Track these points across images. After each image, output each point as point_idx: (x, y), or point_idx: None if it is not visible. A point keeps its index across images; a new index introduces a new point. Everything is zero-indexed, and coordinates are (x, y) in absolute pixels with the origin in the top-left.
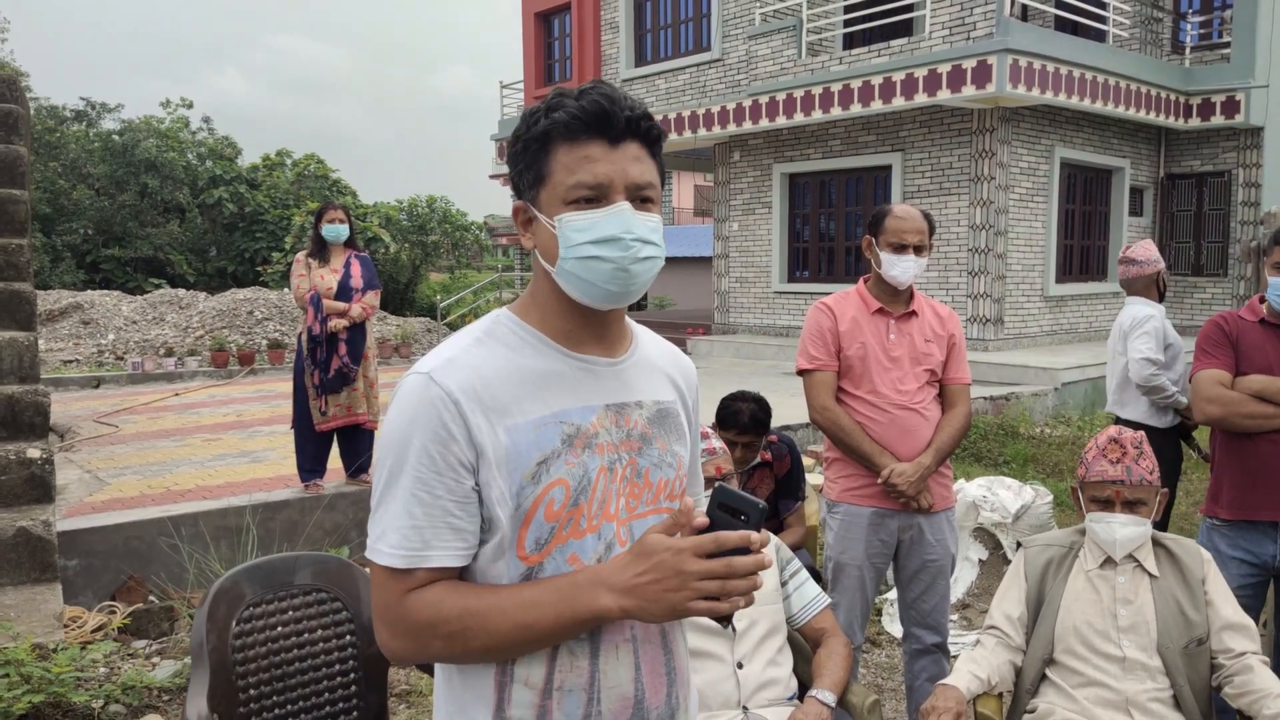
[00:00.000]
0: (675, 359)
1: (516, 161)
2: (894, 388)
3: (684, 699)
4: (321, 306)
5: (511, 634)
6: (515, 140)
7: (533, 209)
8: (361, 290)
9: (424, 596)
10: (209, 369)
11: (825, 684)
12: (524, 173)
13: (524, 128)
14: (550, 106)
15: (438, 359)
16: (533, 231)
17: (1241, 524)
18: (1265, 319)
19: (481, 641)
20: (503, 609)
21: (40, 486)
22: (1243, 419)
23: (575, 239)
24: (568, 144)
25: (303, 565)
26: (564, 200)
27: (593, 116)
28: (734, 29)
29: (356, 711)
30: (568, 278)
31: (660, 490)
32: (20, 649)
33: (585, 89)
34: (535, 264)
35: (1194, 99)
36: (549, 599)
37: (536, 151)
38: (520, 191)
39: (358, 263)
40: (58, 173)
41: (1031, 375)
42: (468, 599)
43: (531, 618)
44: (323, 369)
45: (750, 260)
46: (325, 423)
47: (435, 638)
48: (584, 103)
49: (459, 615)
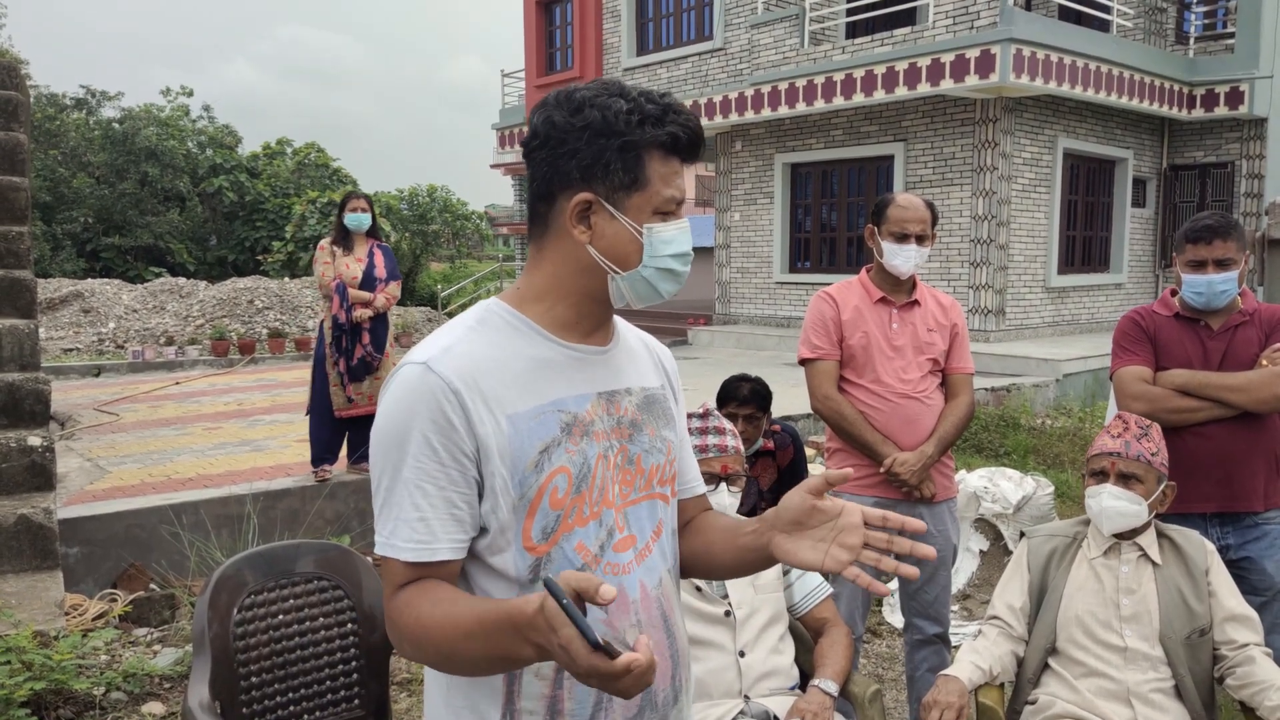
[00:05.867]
0: (653, 344)
1: (597, 154)
2: (897, 377)
3: (685, 680)
4: (347, 295)
5: (452, 657)
6: (594, 131)
7: (609, 207)
8: (385, 280)
9: (402, 595)
10: (209, 358)
11: (828, 673)
12: (607, 169)
13: (621, 125)
14: (650, 116)
15: (433, 348)
16: (595, 227)
17: (1175, 518)
18: (1179, 313)
19: (432, 658)
20: (444, 633)
21: (41, 474)
22: (1168, 414)
23: (661, 250)
24: (662, 156)
25: (304, 553)
26: (656, 210)
27: (694, 142)
28: (736, 18)
29: (358, 700)
30: (637, 283)
31: (652, 476)
32: (22, 636)
33: (674, 106)
34: (568, 257)
35: (1198, 89)
36: (480, 634)
37: (630, 155)
38: (586, 182)
39: (381, 253)
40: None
41: (1033, 366)
42: (422, 610)
43: (467, 648)
44: (347, 357)
45: (752, 250)
46: (348, 409)
47: (405, 641)
48: (691, 125)
49: (413, 625)
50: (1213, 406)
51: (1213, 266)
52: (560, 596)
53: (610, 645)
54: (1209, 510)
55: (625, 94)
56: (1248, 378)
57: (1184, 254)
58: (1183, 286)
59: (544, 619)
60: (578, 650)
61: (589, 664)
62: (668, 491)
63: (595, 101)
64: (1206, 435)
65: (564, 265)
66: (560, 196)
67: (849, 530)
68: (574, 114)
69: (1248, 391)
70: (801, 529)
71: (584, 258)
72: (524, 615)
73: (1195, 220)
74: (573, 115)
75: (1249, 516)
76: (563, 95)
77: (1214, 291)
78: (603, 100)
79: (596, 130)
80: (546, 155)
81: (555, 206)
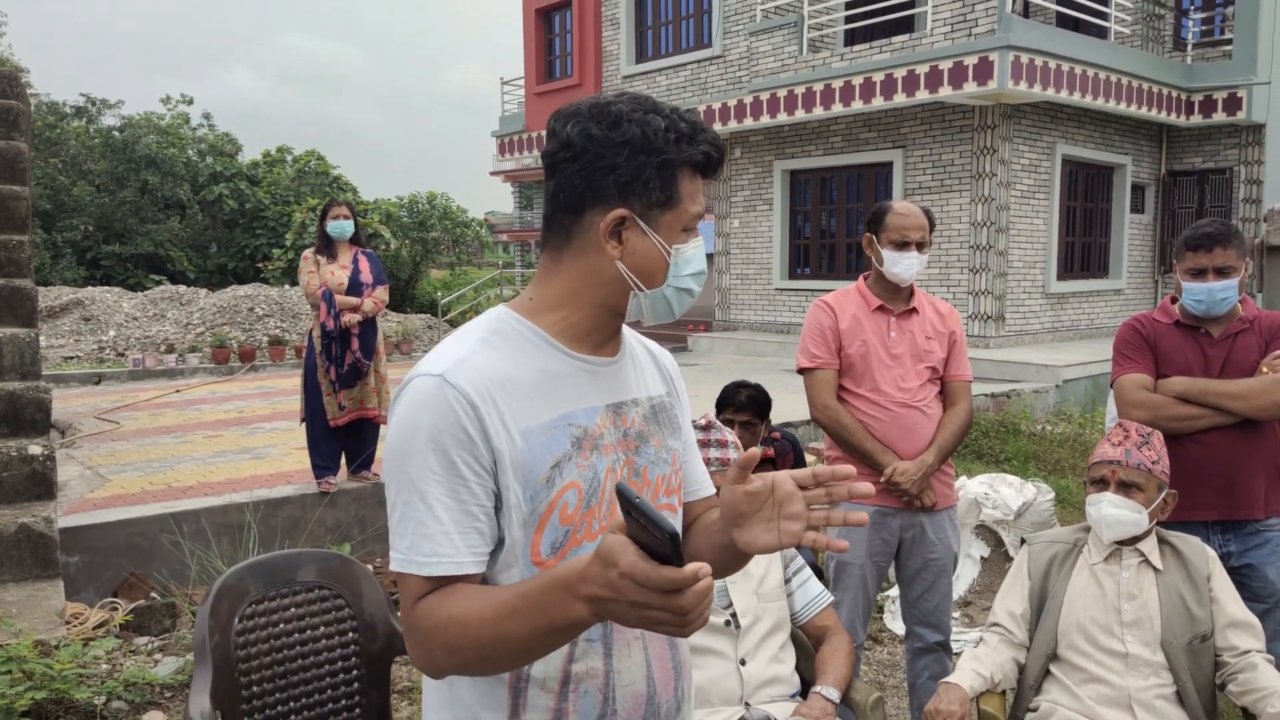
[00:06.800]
0: (655, 349)
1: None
2: (896, 385)
3: (687, 691)
4: (334, 302)
5: (494, 644)
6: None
7: (642, 224)
8: (372, 285)
9: (425, 602)
10: (210, 365)
11: (829, 680)
12: (645, 186)
13: (661, 142)
14: (684, 135)
15: (448, 359)
16: (626, 243)
17: (1176, 525)
18: (1180, 321)
19: (467, 654)
20: (484, 617)
21: (42, 483)
22: (1169, 421)
23: (684, 269)
24: (690, 174)
25: (305, 562)
26: (685, 228)
27: (720, 161)
28: (735, 25)
29: (359, 708)
30: (658, 301)
31: (658, 488)
32: (22, 645)
33: (702, 125)
34: (590, 271)
35: (1196, 96)
36: (524, 607)
37: (667, 174)
38: (623, 198)
39: (365, 259)
40: (58, 169)
41: (1032, 372)
42: (452, 606)
43: (510, 627)
44: (337, 364)
45: (751, 257)
46: (340, 418)
47: (435, 646)
48: (719, 145)
49: (445, 623)
50: (1213, 414)
51: (1213, 274)
52: (632, 496)
53: (680, 543)
54: (1210, 518)
55: (659, 110)
56: (1248, 385)
57: (1184, 262)
58: (1183, 294)
59: (604, 554)
60: (642, 569)
61: (660, 577)
62: (674, 501)
63: (633, 117)
64: (1207, 443)
65: (584, 278)
66: (591, 211)
67: (787, 500)
68: (612, 128)
69: (1248, 399)
70: (747, 518)
71: (609, 271)
72: (574, 570)
73: (1195, 228)
74: (611, 130)
75: (1250, 524)
76: (597, 108)
77: (1214, 299)
78: (640, 116)
79: (637, 147)
80: (580, 168)
81: (584, 220)
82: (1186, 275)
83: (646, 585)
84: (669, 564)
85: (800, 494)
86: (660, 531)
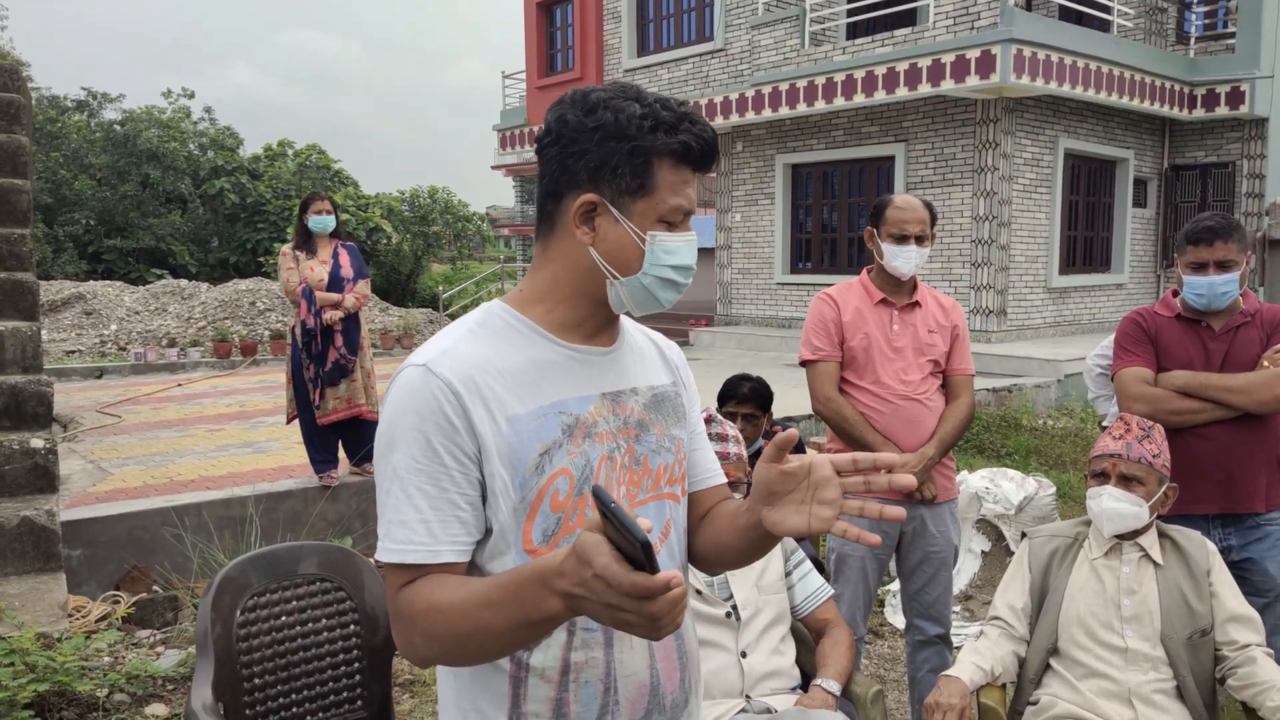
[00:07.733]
0: (660, 341)
1: (606, 157)
2: (898, 378)
3: (695, 682)
4: (314, 299)
5: (472, 634)
6: (605, 133)
7: (614, 210)
8: (352, 280)
9: (409, 590)
10: (211, 360)
11: (830, 673)
12: (615, 172)
13: (633, 129)
14: (663, 123)
15: (433, 350)
16: (598, 230)
17: (1177, 519)
18: (1181, 314)
19: (447, 643)
20: (463, 608)
21: (44, 476)
22: (1169, 415)
23: (663, 260)
24: (672, 164)
25: (307, 555)
26: (660, 218)
27: (706, 152)
28: (737, 19)
29: (360, 701)
30: (636, 290)
31: (660, 476)
32: (25, 638)
33: (690, 115)
34: (570, 258)
35: (1198, 90)
36: (501, 599)
37: (640, 160)
38: (593, 183)
39: (345, 252)
40: (59, 163)
41: (1034, 367)
42: (433, 594)
43: (487, 618)
44: (319, 362)
45: (753, 251)
46: (326, 416)
47: (415, 634)
48: (704, 136)
49: (426, 611)
50: (1214, 408)
51: (1214, 268)
52: (608, 501)
53: (652, 551)
54: (1211, 512)
55: (641, 98)
56: (1249, 379)
57: (1185, 255)
58: (1184, 288)
59: (580, 552)
60: (615, 574)
61: (630, 583)
62: (677, 491)
63: (609, 103)
64: (1208, 437)
65: (566, 267)
66: (566, 196)
67: (824, 485)
68: (587, 114)
69: (1249, 393)
70: (780, 497)
71: (585, 259)
72: (551, 565)
73: (1196, 221)
74: (586, 115)
75: (1251, 518)
76: (579, 95)
77: (1215, 293)
78: (617, 103)
79: (608, 132)
80: (557, 153)
81: (561, 205)
82: (1187, 269)
83: (618, 590)
84: (643, 569)
85: (837, 480)
86: (633, 538)
